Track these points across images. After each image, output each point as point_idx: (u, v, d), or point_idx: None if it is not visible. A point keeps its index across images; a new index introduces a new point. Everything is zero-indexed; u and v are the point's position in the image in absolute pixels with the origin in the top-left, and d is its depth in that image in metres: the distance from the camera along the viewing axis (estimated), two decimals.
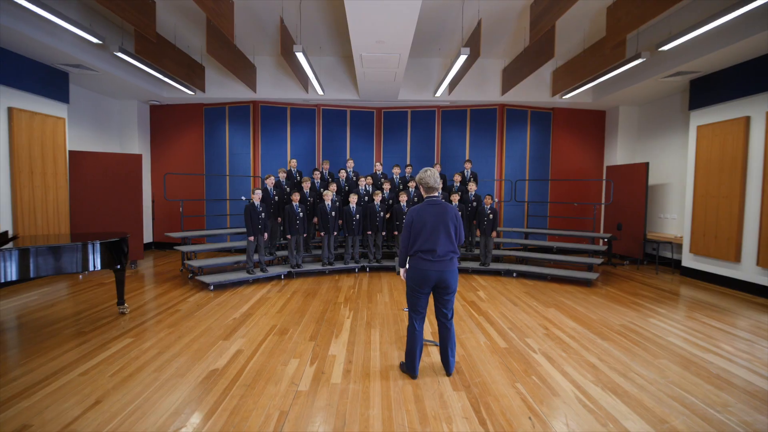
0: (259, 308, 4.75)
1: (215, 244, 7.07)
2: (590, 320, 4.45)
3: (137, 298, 5.17)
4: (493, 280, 6.43)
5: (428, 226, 2.87)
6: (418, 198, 7.21)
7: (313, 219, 6.86)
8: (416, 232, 2.89)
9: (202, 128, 8.97)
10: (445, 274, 2.89)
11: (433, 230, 2.87)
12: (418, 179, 3.02)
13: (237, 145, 8.77)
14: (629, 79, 7.30)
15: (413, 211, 2.94)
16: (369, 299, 5.15)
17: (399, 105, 8.91)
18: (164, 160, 9.13)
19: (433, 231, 2.87)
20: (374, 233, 6.80)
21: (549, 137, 9.07)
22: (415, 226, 2.91)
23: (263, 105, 8.65)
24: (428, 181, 2.97)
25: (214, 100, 8.60)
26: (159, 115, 9.11)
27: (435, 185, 2.98)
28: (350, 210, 6.60)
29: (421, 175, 2.99)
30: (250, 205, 5.87)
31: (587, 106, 8.96)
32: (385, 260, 7.09)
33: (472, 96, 8.37)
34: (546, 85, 8.37)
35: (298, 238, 6.36)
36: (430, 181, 2.97)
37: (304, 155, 8.83)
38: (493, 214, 6.64)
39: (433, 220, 2.88)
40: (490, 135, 8.77)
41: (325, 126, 8.91)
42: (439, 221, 2.88)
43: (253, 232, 5.85)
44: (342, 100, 8.55)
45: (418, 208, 2.94)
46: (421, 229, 2.88)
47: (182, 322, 4.23)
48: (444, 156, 8.88)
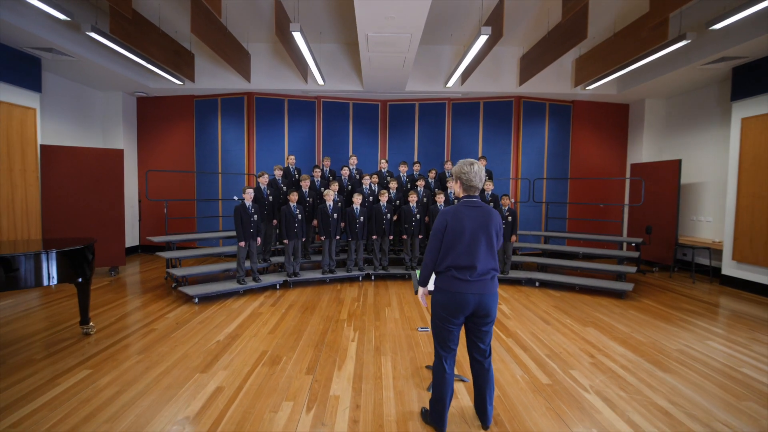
0: (249, 327, 4.06)
1: (205, 249, 6.39)
2: (639, 344, 3.76)
3: (109, 313, 4.48)
4: (514, 290, 5.74)
5: (467, 235, 2.17)
6: (429, 198, 6.53)
7: (313, 221, 6.17)
8: (450, 241, 2.19)
9: (193, 122, 8.28)
10: (486, 299, 2.20)
11: (472, 240, 2.18)
12: (457, 173, 2.29)
13: (230, 141, 8.08)
14: (662, 68, 6.60)
15: (447, 214, 2.24)
16: (376, 315, 4.46)
17: (406, 97, 8.22)
18: (152, 156, 8.44)
19: (472, 241, 2.17)
20: (380, 237, 6.12)
21: (569, 132, 8.37)
22: (449, 233, 2.20)
23: (258, 96, 7.96)
24: (472, 179, 2.24)
25: (205, 91, 7.91)
26: (146, 108, 8.43)
27: (479, 185, 2.27)
28: (353, 211, 5.91)
29: (464, 170, 2.25)
30: (241, 206, 5.19)
31: (610, 99, 8.26)
32: (392, 267, 6.39)
33: (486, 87, 7.68)
34: (567, 74, 7.67)
35: (296, 242, 5.67)
36: (474, 180, 2.25)
37: (303, 151, 8.14)
38: (511, 216, 5.95)
39: (473, 227, 2.18)
40: (505, 130, 8.08)
41: (326, 120, 8.22)
42: (480, 229, 2.19)
43: (244, 236, 5.16)
44: (344, 92, 7.86)
45: (454, 210, 2.23)
46: (457, 238, 2.18)
47: (155, 347, 3.53)
48: (455, 152, 8.19)
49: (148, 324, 4.13)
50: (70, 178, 6.16)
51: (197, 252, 5.96)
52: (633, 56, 5.88)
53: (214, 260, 7.20)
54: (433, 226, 2.26)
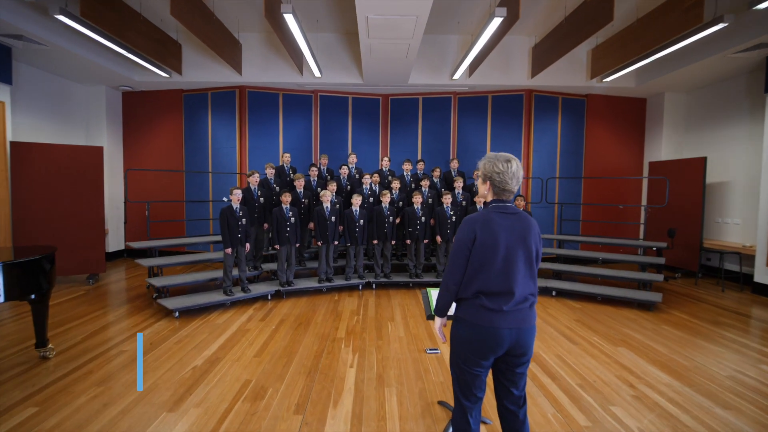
0: (233, 347, 3.54)
1: (194, 255, 5.87)
2: (683, 369, 3.24)
3: (77, 330, 3.96)
4: None
5: (501, 251, 1.65)
6: (434, 199, 6.01)
7: (309, 225, 5.66)
8: (480, 259, 1.66)
9: (182, 118, 7.76)
10: (524, 334, 1.68)
11: (509, 257, 1.65)
12: (488, 172, 1.75)
13: (221, 138, 7.57)
14: (687, 57, 6.08)
15: (476, 223, 1.70)
16: (378, 332, 3.94)
17: (409, 91, 7.70)
18: (139, 154, 7.92)
19: (509, 259, 1.65)
20: (382, 242, 5.60)
21: (582, 129, 7.85)
22: (479, 248, 1.66)
23: (251, 90, 7.44)
24: (507, 181, 1.71)
25: (194, 84, 7.40)
26: (133, 104, 7.91)
27: (515, 188, 1.75)
28: (353, 213, 5.40)
29: (498, 168, 1.71)
30: (227, 208, 4.67)
31: (627, 93, 7.74)
32: (394, 274, 5.87)
33: (495, 79, 7.16)
34: (582, 66, 7.15)
35: (289, 248, 5.15)
36: (510, 182, 1.72)
37: (299, 149, 7.62)
38: None
39: (509, 241, 1.66)
40: (515, 126, 7.56)
41: (324, 115, 7.70)
42: (518, 243, 1.67)
43: (231, 242, 4.65)
44: (343, 85, 7.34)
45: (484, 218, 1.70)
46: (489, 254, 1.65)
47: (120, 375, 3.02)
48: (461, 150, 7.67)
49: (119, 344, 3.61)
50: (44, 178, 5.65)
51: (183, 258, 5.44)
52: (658, 44, 5.37)
53: (201, 267, 6.68)
54: (456, 238, 1.73)
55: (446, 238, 5.59)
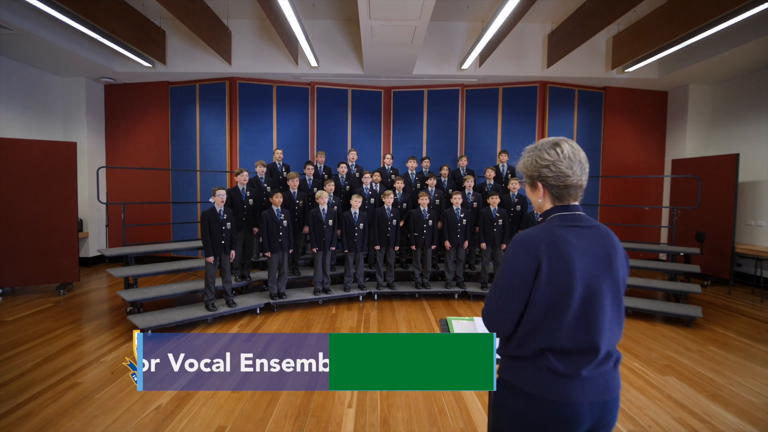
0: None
1: (171, 263, 5.31)
2: (755, 408, 2.67)
3: (31, 353, 3.40)
4: None
5: (578, 287, 1.07)
6: (442, 200, 5.44)
7: (303, 229, 5.09)
8: (549, 301, 1.08)
9: (168, 112, 7.19)
10: (609, 409, 1.10)
11: (590, 296, 1.08)
12: (528, 170, 1.20)
13: (210, 134, 7.00)
14: (718, 45, 5.52)
15: (536, 244, 1.11)
16: None
17: (413, 83, 7.13)
18: (123, 152, 7.35)
19: (589, 298, 1.08)
20: (384, 248, 5.04)
21: (600, 124, 7.28)
22: (545, 285, 1.08)
23: (242, 82, 6.87)
24: (562, 171, 1.14)
25: (181, 76, 6.83)
26: (116, 97, 7.34)
27: (581, 180, 1.17)
28: (352, 216, 4.84)
29: (542, 159, 1.16)
30: (209, 211, 4.11)
31: (647, 86, 7.18)
32: (399, 284, 5.30)
33: (507, 70, 6.59)
34: (601, 55, 6.58)
35: (281, 255, 4.59)
36: (566, 171, 1.14)
37: (294, 146, 7.06)
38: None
39: (589, 272, 1.09)
40: (528, 120, 6.99)
41: (321, 109, 7.13)
42: (601, 273, 1.10)
43: (213, 249, 4.08)
44: (342, 77, 6.77)
45: (549, 237, 1.11)
46: (561, 294, 1.08)
47: (64, 419, 2.46)
48: (470, 147, 7.10)
49: (74, 373, 3.05)
50: (9, 177, 5.08)
51: (161, 267, 4.87)
52: (689, 29, 4.82)
53: (184, 277, 6.04)
54: (505, 268, 1.15)
55: (456, 243, 5.03)
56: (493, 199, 4.99)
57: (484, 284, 5.16)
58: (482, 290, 5.08)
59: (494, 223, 4.96)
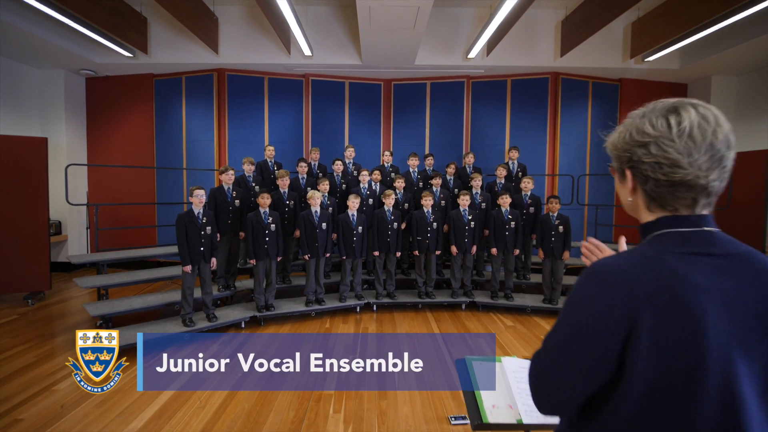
0: (177, 412, 2.51)
1: (152, 272, 4.84)
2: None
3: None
4: None
5: (713, 369, 0.58)
6: (448, 201, 4.97)
7: (294, 233, 4.61)
8: (654, 383, 0.60)
9: (153, 107, 6.72)
10: None
11: (732, 386, 0.59)
12: (619, 146, 0.74)
13: (197, 129, 6.52)
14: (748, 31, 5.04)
15: (630, 286, 0.62)
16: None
17: (415, 75, 6.65)
18: (106, 148, 6.88)
19: (731, 390, 0.59)
20: (384, 253, 4.57)
21: (615, 118, 6.80)
22: (646, 356, 0.60)
23: (231, 74, 6.39)
24: (672, 158, 0.66)
25: (166, 67, 6.36)
26: (98, 91, 6.87)
27: (705, 177, 0.67)
28: (349, 219, 4.37)
29: (643, 131, 0.69)
30: (186, 214, 3.64)
31: (666, 78, 6.69)
32: (400, 292, 4.83)
33: (516, 60, 6.11)
34: (618, 43, 6.10)
35: (268, 263, 4.12)
36: (680, 163, 0.66)
37: (288, 142, 6.58)
38: (563, 225, 4.39)
39: (731, 337, 0.60)
40: (538, 115, 6.51)
41: (317, 103, 6.65)
42: (759, 343, 0.61)
43: (191, 257, 3.61)
44: (338, 68, 6.29)
45: (647, 268, 0.64)
46: (678, 374, 0.59)
47: None
48: (476, 143, 6.62)
49: (18, 406, 2.58)
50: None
51: (139, 276, 4.41)
52: (717, 12, 4.36)
53: (163, 285, 5.42)
54: (569, 318, 0.68)
55: (463, 247, 4.55)
56: (504, 200, 4.51)
57: (494, 293, 4.68)
58: (492, 300, 4.61)
59: (506, 225, 4.48)
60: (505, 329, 4.13)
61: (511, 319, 4.42)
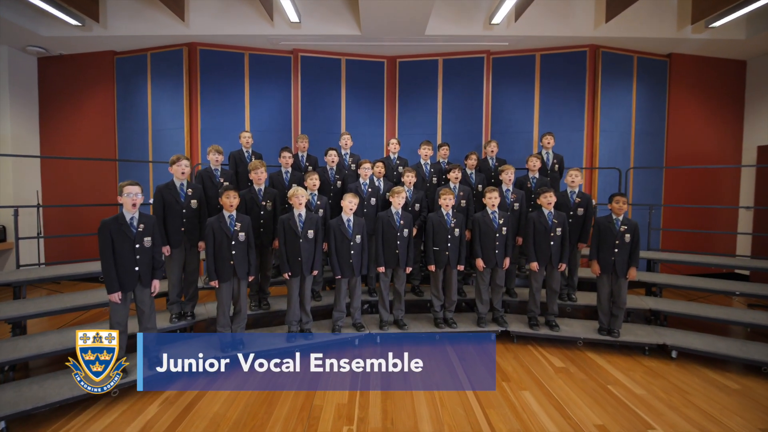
0: None
1: (82, 297, 3.78)
2: None
3: None
4: (644, 371, 3.12)
5: None
6: (469, 200, 3.92)
7: (273, 243, 3.55)
8: None
9: (114, 89, 5.68)
10: None
11: None
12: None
13: (165, 115, 5.48)
14: None
15: None
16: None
17: (424, 51, 5.58)
18: (62, 139, 5.83)
19: None
20: (391, 269, 3.51)
21: (663, 101, 5.71)
22: None
23: (204, 48, 5.34)
24: None
25: (127, 43, 5.32)
26: (52, 73, 5.82)
27: None
28: (344, 224, 3.31)
29: None
30: (112, 221, 2.58)
31: (723, 52, 5.61)
32: (411, 319, 3.75)
33: (548, 29, 5.04)
34: (671, 8, 5.03)
35: (234, 285, 3.06)
36: None
37: (273, 131, 5.54)
38: (630, 233, 3.32)
39: None
40: (574, 97, 5.43)
41: (308, 84, 5.59)
42: None
43: (119, 280, 2.55)
44: (333, 40, 5.22)
45: None
46: None
47: None
48: (497, 130, 5.54)
49: None
50: None
51: (70, 302, 3.36)
52: None
53: (98, 315, 4.26)
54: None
55: (493, 261, 3.48)
56: (547, 199, 3.44)
57: (533, 320, 3.61)
58: (531, 330, 3.54)
59: (550, 233, 3.41)
60: (555, 373, 3.07)
61: (559, 356, 3.36)
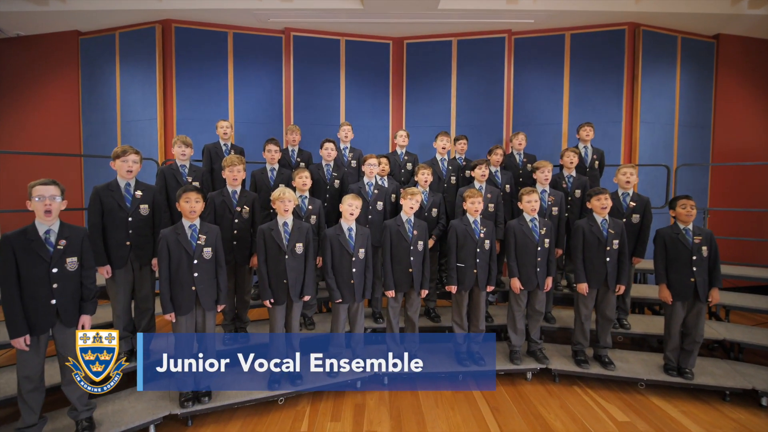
0: None
1: None
2: None
3: None
4: (733, 428, 2.38)
5: None
6: (498, 204, 3.19)
7: (251, 260, 2.80)
8: None
9: (78, 75, 4.94)
10: None
11: None
12: None
13: (136, 104, 4.74)
14: None
15: None
16: None
17: (436, 30, 4.85)
18: (20, 131, 5.09)
19: None
20: (403, 293, 2.78)
21: (710, 88, 4.99)
22: None
23: (180, 26, 4.61)
24: None
25: (93, 20, 4.59)
26: (9, 57, 5.08)
27: None
28: (343, 235, 2.57)
29: None
30: (17, 235, 1.84)
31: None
32: (427, 351, 3.00)
33: (579, 4, 4.32)
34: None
35: (200, 317, 2.33)
36: None
37: (260, 122, 4.81)
38: (707, 244, 2.59)
39: None
40: (609, 81, 4.70)
41: (301, 68, 4.85)
42: None
43: (27, 320, 1.81)
44: (331, 15, 4.49)
45: None
46: None
47: None
48: (520, 121, 4.81)
49: None
50: None
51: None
52: None
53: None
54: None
55: (533, 283, 2.75)
56: (602, 202, 2.71)
57: (580, 357, 2.87)
58: (580, 369, 2.80)
59: (606, 246, 2.68)
60: (617, 429, 2.34)
61: (617, 403, 2.63)
